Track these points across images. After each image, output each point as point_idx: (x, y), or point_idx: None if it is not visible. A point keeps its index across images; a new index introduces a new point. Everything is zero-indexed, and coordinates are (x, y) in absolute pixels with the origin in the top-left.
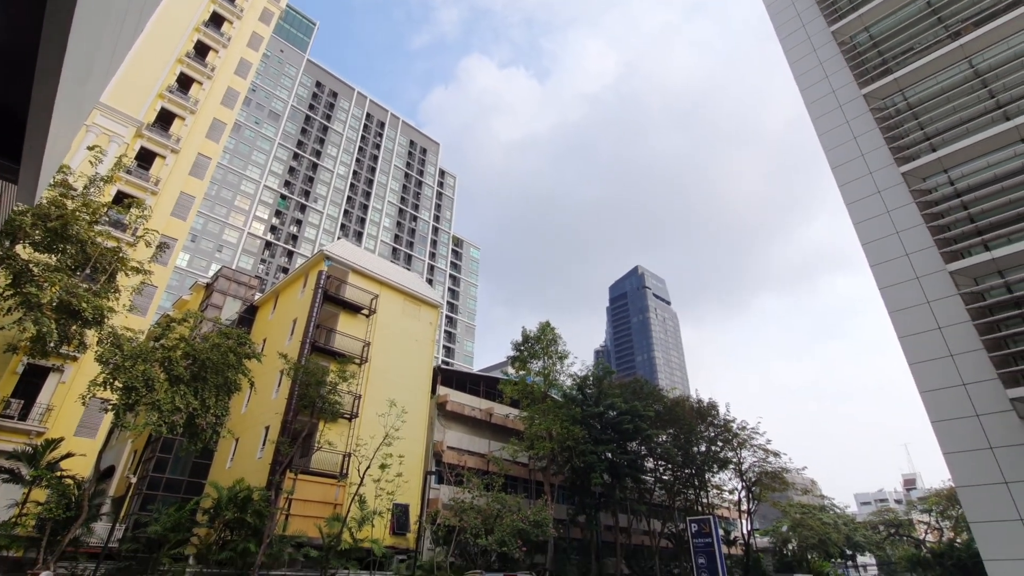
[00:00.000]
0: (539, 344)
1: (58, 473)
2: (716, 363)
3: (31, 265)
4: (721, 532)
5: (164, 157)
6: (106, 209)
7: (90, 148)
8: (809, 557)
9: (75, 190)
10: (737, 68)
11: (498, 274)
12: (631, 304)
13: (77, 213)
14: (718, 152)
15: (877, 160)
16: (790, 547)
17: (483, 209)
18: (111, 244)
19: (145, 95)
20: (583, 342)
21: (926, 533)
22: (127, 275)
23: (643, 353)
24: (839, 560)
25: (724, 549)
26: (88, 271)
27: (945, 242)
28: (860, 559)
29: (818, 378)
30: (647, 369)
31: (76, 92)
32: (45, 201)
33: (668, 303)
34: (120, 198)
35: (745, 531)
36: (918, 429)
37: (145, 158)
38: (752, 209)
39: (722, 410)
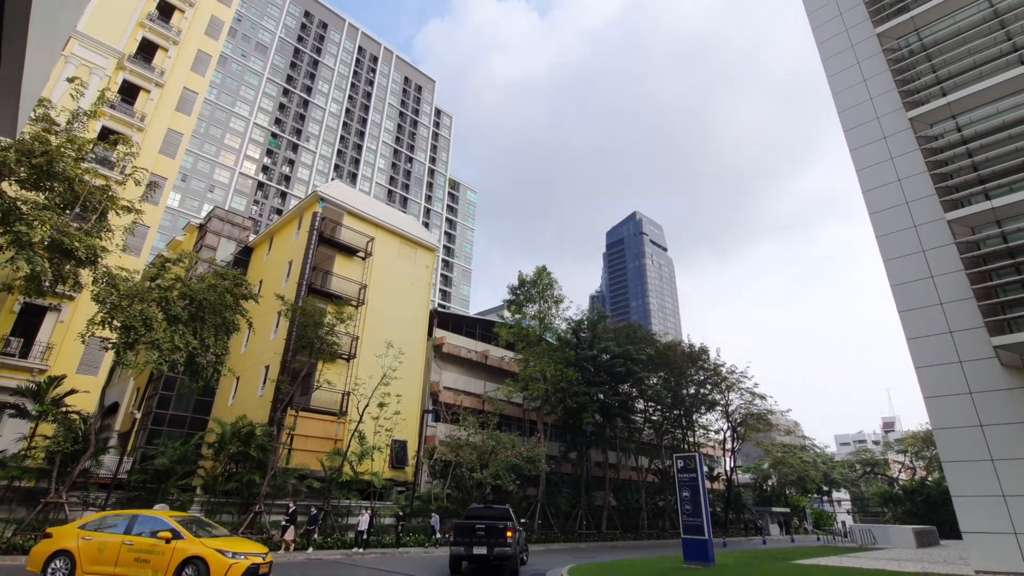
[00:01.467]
0: (535, 288)
1: (63, 409)
2: (709, 310)
3: (19, 203)
4: (705, 469)
5: (148, 91)
6: (92, 146)
7: (70, 80)
8: (787, 492)
9: (58, 125)
10: (744, 5)
11: (495, 218)
12: (627, 250)
13: (62, 149)
14: (722, 96)
15: (885, 104)
16: (770, 483)
17: (480, 152)
18: (99, 182)
19: (125, 24)
20: (579, 287)
21: (899, 472)
22: (118, 214)
23: (638, 299)
24: (815, 495)
25: (707, 484)
26: (78, 210)
27: (946, 191)
28: (836, 495)
29: (807, 325)
30: (641, 315)
31: (50, 16)
32: (28, 137)
33: (664, 249)
34: (105, 134)
35: (728, 468)
36: (899, 377)
37: (129, 92)
38: (753, 155)
39: (712, 355)
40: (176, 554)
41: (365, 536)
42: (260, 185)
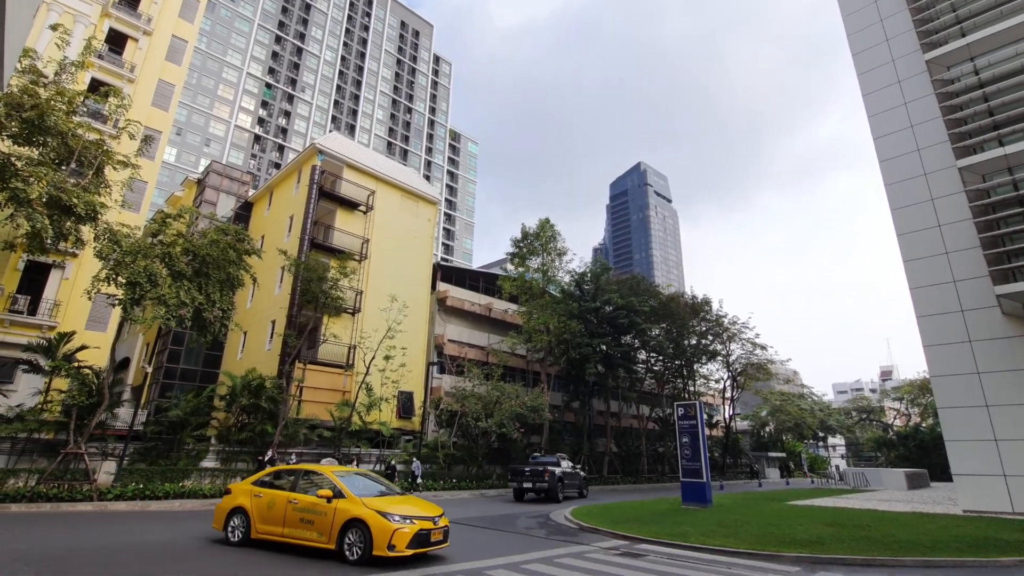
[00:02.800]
0: (538, 241)
1: (75, 364)
2: (712, 261)
3: (13, 159)
4: (705, 416)
5: (136, 40)
6: (82, 98)
7: (53, 27)
8: (784, 438)
9: (46, 77)
10: None
11: (496, 170)
12: (631, 201)
13: (52, 102)
14: (730, 41)
15: (902, 46)
16: (767, 430)
17: (480, 102)
18: (93, 136)
19: None
20: (582, 240)
21: (895, 419)
22: (115, 169)
23: (641, 251)
24: (811, 441)
25: (707, 431)
26: (74, 165)
27: (959, 137)
28: (831, 440)
29: (811, 277)
30: (644, 267)
31: None
32: (16, 90)
33: (669, 201)
34: (95, 86)
35: (727, 416)
36: (899, 328)
37: (116, 41)
38: (761, 104)
39: (715, 306)
40: (338, 515)
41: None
42: (257, 138)
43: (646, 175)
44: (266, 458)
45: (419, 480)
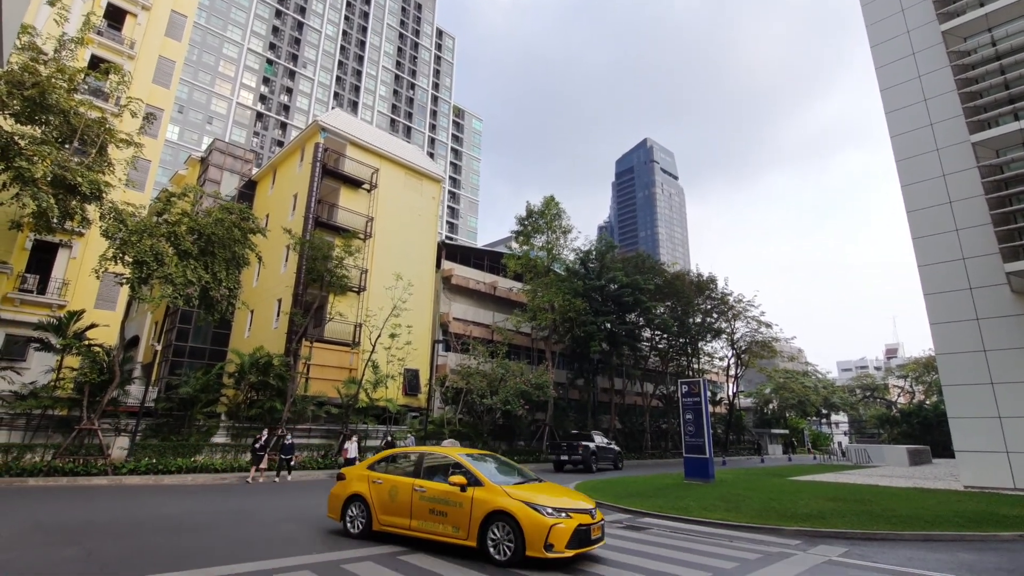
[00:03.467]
0: (543, 219)
1: (86, 342)
2: (719, 239)
3: (16, 138)
4: (708, 394)
5: (135, 15)
6: (83, 75)
7: (51, 2)
8: (787, 415)
9: (46, 54)
10: None
11: (501, 148)
12: (637, 179)
13: (53, 80)
14: (741, 14)
15: (917, 16)
16: (771, 407)
17: (484, 78)
18: (95, 115)
19: None
20: (587, 218)
21: (898, 396)
22: (118, 147)
23: (647, 229)
24: (814, 418)
25: (710, 408)
26: (77, 144)
27: (974, 111)
28: (834, 417)
29: (817, 254)
30: (650, 245)
31: None
32: (17, 67)
33: (675, 178)
34: (96, 63)
35: (731, 393)
36: (905, 308)
37: (115, 16)
38: (771, 79)
39: (720, 284)
40: (476, 507)
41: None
42: (259, 116)
43: (652, 152)
44: (259, 443)
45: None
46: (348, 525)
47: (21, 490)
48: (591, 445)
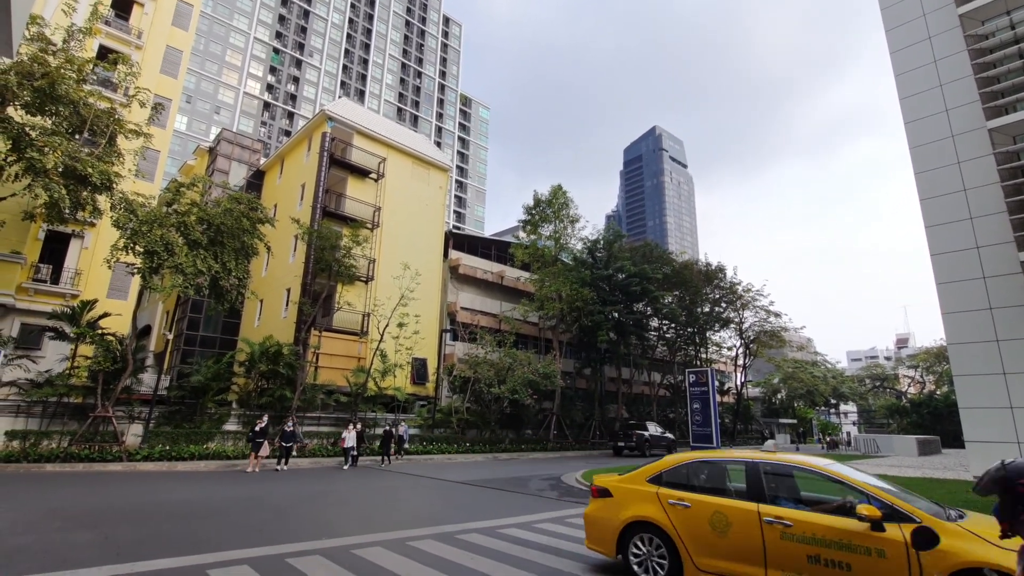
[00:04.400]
0: (550, 208)
1: (99, 331)
2: (728, 228)
3: (27, 129)
4: (716, 383)
5: (142, 4)
6: (91, 66)
7: None
8: (795, 405)
9: (54, 45)
10: None
11: (508, 137)
12: (646, 167)
13: (62, 71)
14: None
15: None
16: (779, 396)
17: (491, 66)
18: (104, 105)
19: None
20: (595, 207)
21: (908, 386)
22: (127, 138)
23: (655, 218)
24: (823, 408)
25: (717, 398)
26: (87, 135)
27: (990, 96)
28: (843, 407)
29: (827, 243)
30: (658, 234)
31: None
32: (26, 58)
33: (684, 166)
34: (104, 54)
35: (738, 383)
36: (916, 298)
37: (122, 6)
38: (782, 66)
39: (729, 273)
40: (934, 562)
41: (355, 452)
42: (267, 106)
43: (661, 140)
44: (258, 428)
45: (406, 444)
46: (637, 567)
47: (39, 476)
48: (645, 433)
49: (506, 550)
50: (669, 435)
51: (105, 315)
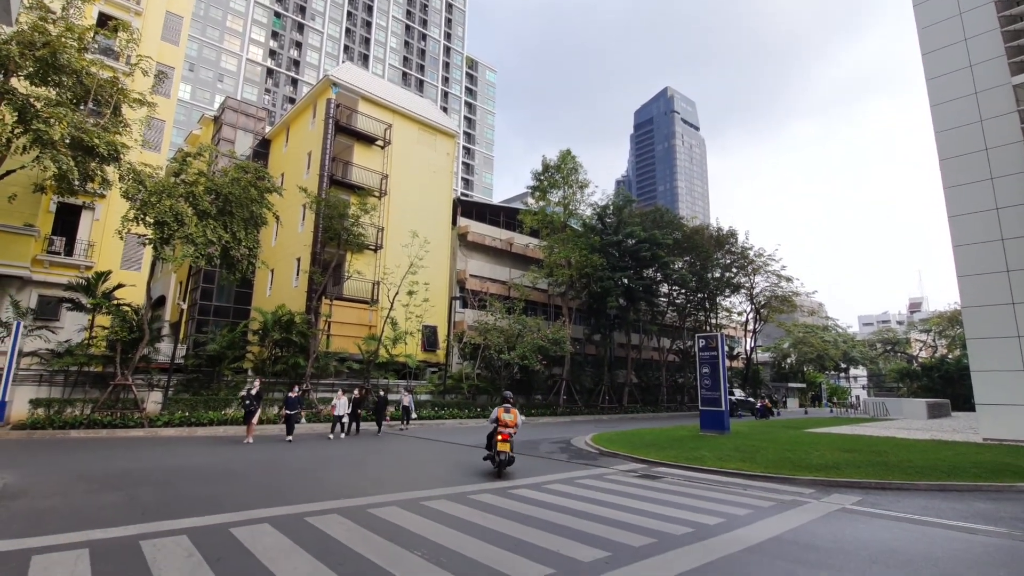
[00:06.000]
0: (559, 173)
1: (115, 301)
2: (740, 192)
3: (32, 99)
4: (726, 349)
5: None
6: (92, 34)
7: None
8: (805, 369)
9: (54, 13)
10: None
11: (516, 102)
12: (657, 130)
13: (63, 39)
14: None
15: None
16: (788, 361)
17: (497, 28)
18: (107, 74)
19: None
20: (605, 173)
21: (920, 350)
22: (131, 107)
23: (665, 183)
24: (832, 372)
25: (727, 362)
26: (91, 105)
27: (1016, 50)
28: (853, 372)
29: (842, 207)
30: (669, 199)
31: None
32: (27, 27)
33: (697, 128)
34: (103, 21)
35: (748, 348)
36: (929, 262)
37: None
38: (798, 23)
39: (740, 238)
40: None
41: (345, 421)
42: (270, 72)
43: (673, 101)
44: (251, 390)
45: (412, 415)
46: None
47: (64, 441)
48: (732, 399)
49: (517, 509)
50: (752, 400)
51: (120, 286)
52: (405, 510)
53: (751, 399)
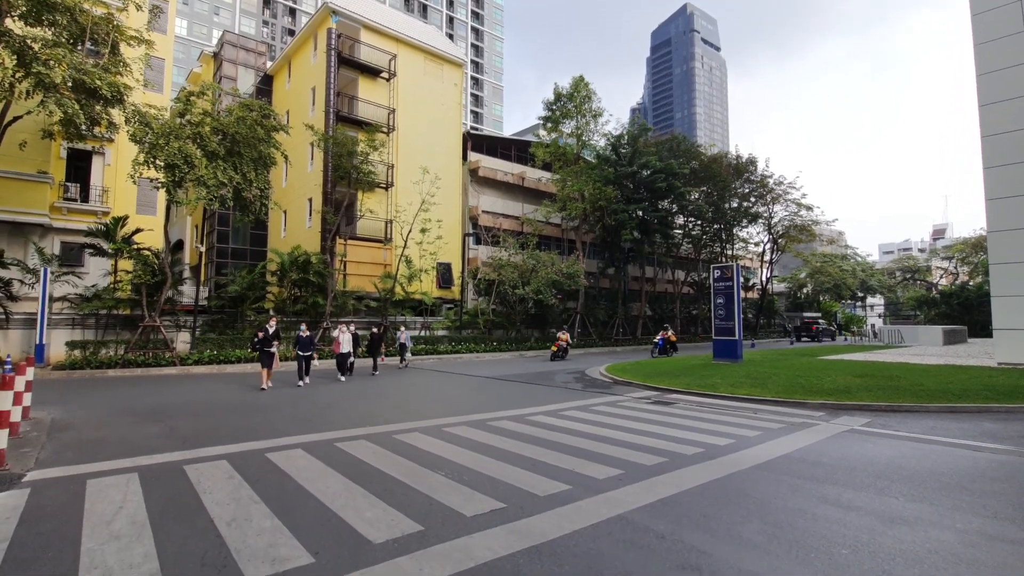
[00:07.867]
0: (572, 102)
1: (135, 246)
2: (762, 117)
3: (29, 41)
4: (741, 280)
5: None
6: None
7: None
8: (821, 299)
9: None
10: None
11: (526, 29)
12: (675, 52)
13: None
14: None
15: None
16: (805, 291)
17: None
18: (100, 11)
19: None
20: (620, 102)
21: (940, 278)
22: (129, 45)
23: (683, 109)
24: (849, 301)
25: (742, 293)
26: (89, 45)
27: None
28: (870, 300)
29: (870, 131)
30: (687, 126)
31: None
32: None
33: (718, 49)
34: None
35: (764, 278)
36: (956, 189)
37: None
38: None
39: (761, 166)
40: None
41: (351, 361)
42: (266, 2)
43: (693, 19)
44: (268, 330)
45: (408, 354)
46: None
47: (103, 380)
48: (821, 324)
49: (534, 434)
50: (830, 327)
51: (138, 230)
52: (428, 435)
53: (830, 327)
